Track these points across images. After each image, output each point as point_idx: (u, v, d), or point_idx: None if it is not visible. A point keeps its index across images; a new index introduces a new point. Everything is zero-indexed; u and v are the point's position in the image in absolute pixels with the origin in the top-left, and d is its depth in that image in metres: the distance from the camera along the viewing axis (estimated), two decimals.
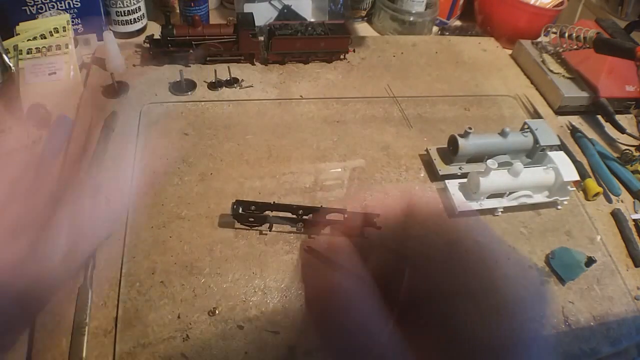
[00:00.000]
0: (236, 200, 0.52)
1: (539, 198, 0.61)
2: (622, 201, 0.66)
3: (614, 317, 0.53)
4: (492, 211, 0.61)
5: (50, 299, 0.26)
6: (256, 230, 0.53)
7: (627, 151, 0.73)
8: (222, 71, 0.74)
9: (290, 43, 0.78)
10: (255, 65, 0.79)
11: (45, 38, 0.68)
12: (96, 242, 0.31)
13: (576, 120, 0.79)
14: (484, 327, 0.24)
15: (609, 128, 0.77)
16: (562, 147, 0.67)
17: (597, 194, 0.65)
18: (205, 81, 0.74)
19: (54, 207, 0.27)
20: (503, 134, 0.63)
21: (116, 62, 0.73)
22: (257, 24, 0.77)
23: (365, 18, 1.00)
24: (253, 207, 0.51)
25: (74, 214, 0.27)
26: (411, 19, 0.93)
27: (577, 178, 0.60)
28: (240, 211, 0.51)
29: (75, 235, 0.27)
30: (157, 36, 0.74)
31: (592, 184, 0.65)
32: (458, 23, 1.04)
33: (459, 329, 0.24)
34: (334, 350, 0.24)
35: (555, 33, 0.85)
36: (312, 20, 0.89)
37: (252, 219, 0.52)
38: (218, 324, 0.46)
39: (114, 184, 0.37)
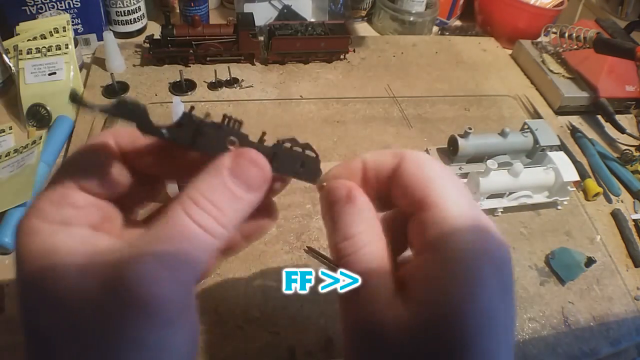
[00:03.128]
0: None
1: (539, 198, 0.61)
2: (622, 201, 0.66)
3: (613, 317, 0.53)
4: (492, 211, 0.61)
5: None
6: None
7: (627, 151, 0.73)
8: (222, 71, 0.74)
9: (290, 43, 0.77)
10: (255, 65, 0.79)
11: (45, 38, 0.68)
12: None
13: (576, 121, 0.79)
14: None
15: (609, 128, 0.77)
16: (562, 147, 0.67)
17: (597, 194, 0.65)
18: (205, 81, 0.74)
19: None
20: (503, 134, 0.63)
21: (116, 62, 0.73)
22: (257, 23, 0.77)
23: (365, 18, 1.00)
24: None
25: None
26: (411, 19, 0.93)
27: (577, 178, 0.60)
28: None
29: None
30: (157, 36, 0.74)
31: (592, 184, 0.65)
32: (458, 23, 1.04)
33: None
34: None
35: (555, 33, 0.85)
36: (312, 20, 0.89)
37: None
38: (218, 325, 0.46)
39: None
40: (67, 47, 0.67)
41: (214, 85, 0.73)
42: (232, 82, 0.74)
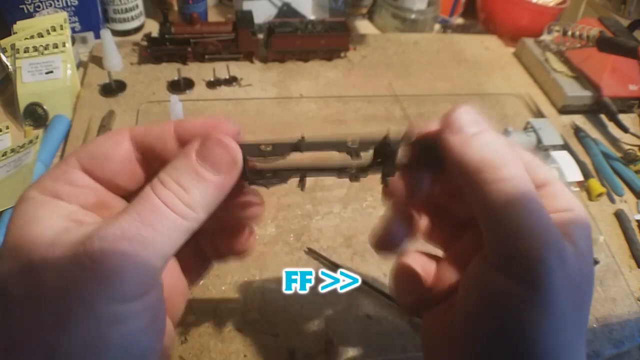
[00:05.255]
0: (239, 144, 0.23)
1: None
2: (625, 201, 0.66)
3: (616, 318, 0.52)
4: None
5: None
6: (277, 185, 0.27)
7: (631, 151, 0.73)
8: (221, 69, 0.74)
9: (290, 41, 0.77)
10: (254, 63, 0.79)
11: (42, 37, 0.67)
12: None
13: (579, 120, 0.78)
14: None
15: (612, 127, 0.77)
16: (565, 146, 0.66)
17: (600, 195, 0.64)
18: (203, 80, 0.73)
19: None
20: (506, 133, 0.63)
21: (113, 61, 0.72)
22: (256, 21, 0.77)
23: (367, 15, 0.99)
24: (269, 148, 0.25)
25: None
26: (413, 16, 0.92)
27: (581, 178, 0.59)
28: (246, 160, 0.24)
29: None
30: (155, 34, 0.73)
31: (595, 184, 0.65)
32: (460, 21, 1.04)
33: None
34: None
35: (558, 31, 0.84)
36: (313, 17, 0.89)
37: (271, 174, 0.26)
38: (217, 327, 0.45)
39: None
40: (64, 46, 0.66)
41: (213, 84, 0.73)
42: (231, 81, 0.73)
